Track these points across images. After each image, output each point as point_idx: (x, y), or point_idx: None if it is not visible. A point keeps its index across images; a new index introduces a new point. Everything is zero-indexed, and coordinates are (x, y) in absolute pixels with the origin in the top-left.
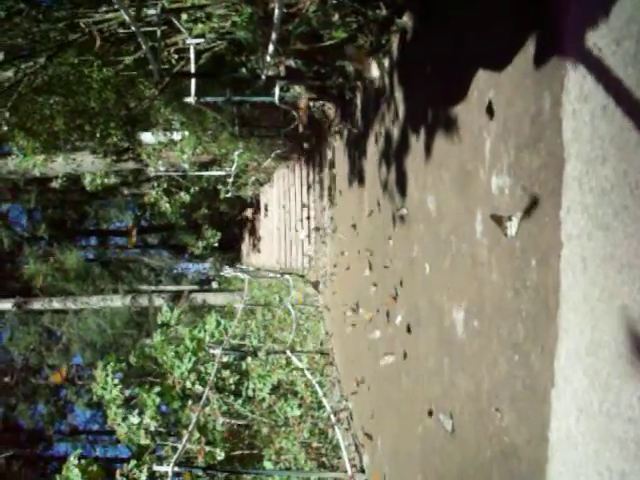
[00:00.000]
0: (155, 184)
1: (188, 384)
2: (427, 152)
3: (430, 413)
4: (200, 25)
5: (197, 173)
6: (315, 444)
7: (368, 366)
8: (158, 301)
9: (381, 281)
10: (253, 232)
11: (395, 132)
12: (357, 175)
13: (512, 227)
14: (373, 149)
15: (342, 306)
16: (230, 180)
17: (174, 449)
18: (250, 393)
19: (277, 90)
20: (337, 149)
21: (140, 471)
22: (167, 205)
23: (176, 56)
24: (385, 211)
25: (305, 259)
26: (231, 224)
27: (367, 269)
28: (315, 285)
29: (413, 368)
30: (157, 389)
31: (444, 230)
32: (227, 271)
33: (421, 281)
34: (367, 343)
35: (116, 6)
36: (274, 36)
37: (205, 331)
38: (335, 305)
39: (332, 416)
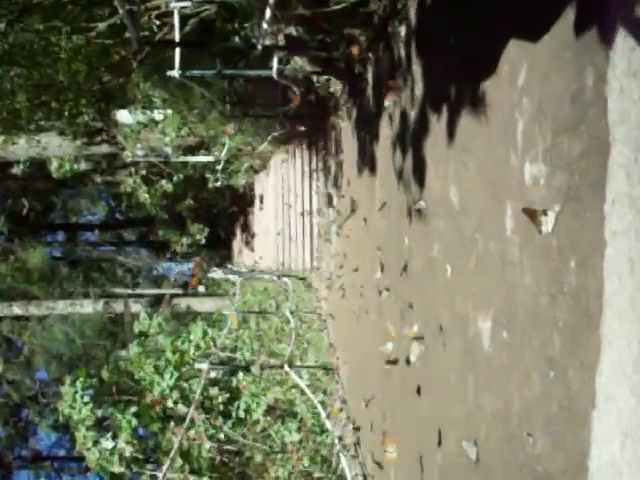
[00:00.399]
0: (132, 171)
1: (170, 403)
2: (449, 135)
3: (450, 438)
4: None
5: (181, 159)
6: (317, 474)
7: (379, 383)
8: (135, 307)
9: (395, 285)
10: (246, 227)
11: (412, 112)
12: (368, 162)
13: (548, 223)
14: (386, 131)
15: (350, 314)
16: (220, 167)
17: (153, 478)
18: (242, 414)
19: (275, 62)
20: (344, 131)
21: None
22: (146, 195)
23: (158, 22)
24: (400, 204)
25: (306, 259)
26: (220, 218)
27: (378, 271)
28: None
29: (432, 386)
30: (134, 409)
31: (469, 226)
32: (215, 272)
33: (442, 285)
34: (378, 357)
35: None
36: None
37: (190, 342)
38: (341, 312)
39: (337, 441)
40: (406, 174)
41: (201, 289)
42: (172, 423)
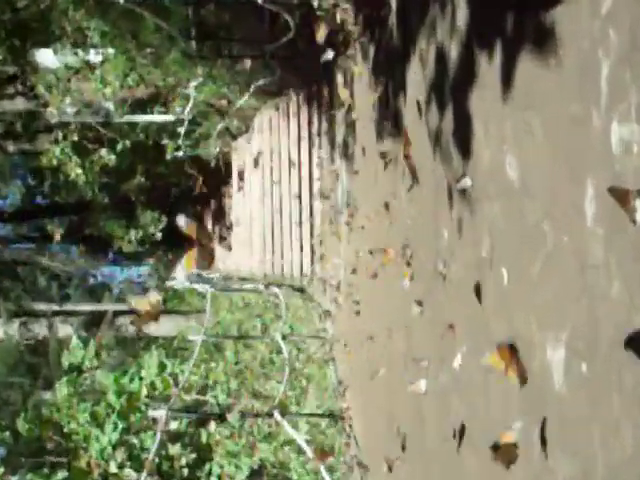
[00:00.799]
0: (60, 136)
1: (112, 467)
2: (505, 84)
3: None
4: None
5: (128, 118)
6: None
7: (408, 437)
8: (64, 329)
9: (429, 298)
10: (220, 216)
11: (453, 50)
12: (390, 121)
13: None
14: (416, 78)
15: (366, 339)
16: (182, 130)
17: None
18: None
19: None
20: (358, 79)
21: None
22: (79, 171)
23: None
24: (436, 182)
25: (305, 261)
26: (183, 203)
27: (406, 278)
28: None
29: (481, 440)
30: (62, 475)
31: (533, 213)
32: (177, 281)
33: (494, 297)
34: (406, 399)
35: None
36: None
37: (141, 380)
38: (354, 337)
39: None
40: (444, 139)
41: None
42: None
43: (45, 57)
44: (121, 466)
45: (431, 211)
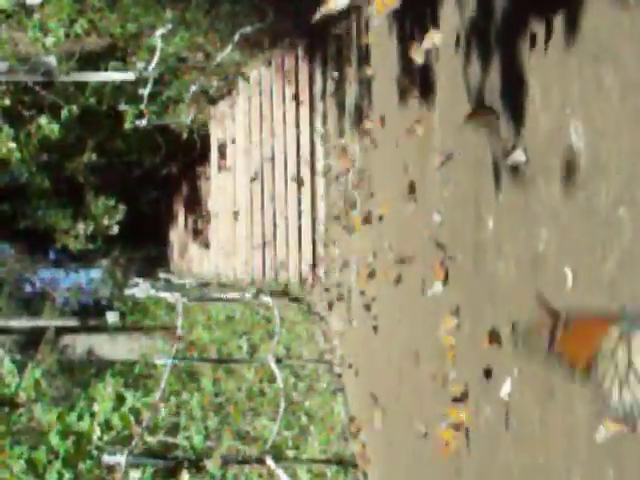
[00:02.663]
0: None
1: None
2: (569, 28)
3: None
4: None
5: (75, 77)
6: None
7: None
8: None
9: (468, 305)
10: (194, 204)
11: None
12: (417, 78)
13: None
14: (453, 22)
15: (386, 364)
16: (146, 92)
17: None
18: None
19: None
20: (374, 25)
21: None
22: (11, 145)
23: None
24: (478, 155)
25: (304, 262)
26: (147, 187)
27: (439, 281)
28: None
29: None
30: None
31: (605, 196)
32: (139, 288)
33: (556, 303)
34: (438, 442)
35: None
36: None
37: (92, 416)
38: (370, 361)
39: None
40: (488, 101)
41: (112, 318)
42: None
43: None
44: None
45: (471, 194)
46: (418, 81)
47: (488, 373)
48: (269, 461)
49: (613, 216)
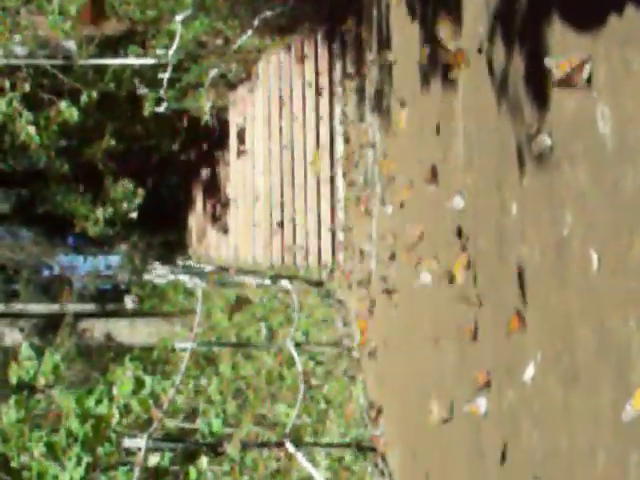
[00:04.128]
0: (6, 84)
1: None
2: (597, 8)
3: None
4: None
5: (95, 61)
6: None
7: (462, 474)
8: (11, 336)
9: (491, 291)
10: (213, 189)
11: None
12: (440, 60)
13: None
14: (476, 2)
15: (407, 348)
16: (165, 77)
17: None
18: None
19: None
20: (396, 8)
21: None
22: (31, 130)
23: None
24: (502, 139)
25: (324, 248)
26: (166, 172)
27: (461, 269)
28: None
29: (564, 474)
30: None
31: (632, 179)
32: (158, 273)
33: (581, 288)
34: (459, 426)
35: None
36: None
37: (111, 401)
38: (390, 346)
39: None
40: (512, 85)
41: (130, 303)
42: None
43: None
44: None
45: (494, 178)
46: (440, 65)
47: (510, 358)
48: (289, 445)
49: (639, 199)
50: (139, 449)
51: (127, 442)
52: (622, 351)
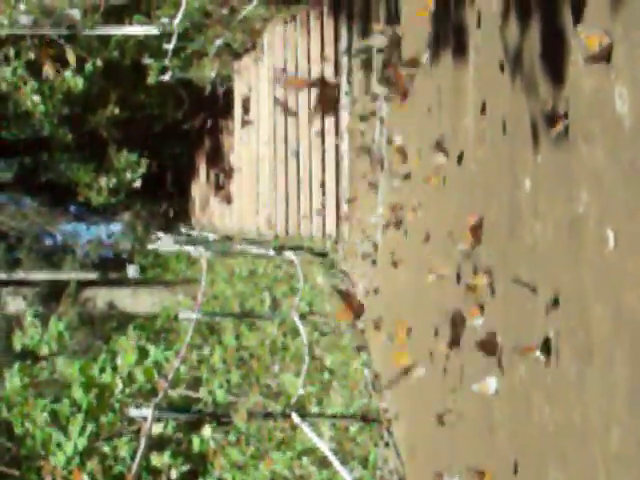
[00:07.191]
0: (11, 53)
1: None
2: None
3: None
4: None
5: (99, 30)
6: None
7: (470, 449)
8: (14, 304)
9: (502, 267)
10: (217, 158)
11: None
12: (451, 35)
13: None
14: None
15: (413, 322)
16: (170, 46)
17: None
18: None
19: None
20: None
21: None
22: (35, 98)
23: None
24: (516, 116)
25: (329, 219)
26: (170, 141)
27: (468, 240)
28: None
29: (577, 448)
30: None
31: None
32: (161, 242)
33: (595, 267)
34: (467, 401)
35: None
36: None
37: (115, 370)
38: (395, 317)
39: None
40: (528, 59)
41: (133, 272)
42: None
43: None
44: (92, 479)
45: (507, 153)
46: (452, 39)
47: (522, 333)
48: (294, 416)
49: None
50: (144, 419)
51: (133, 412)
52: (637, 328)
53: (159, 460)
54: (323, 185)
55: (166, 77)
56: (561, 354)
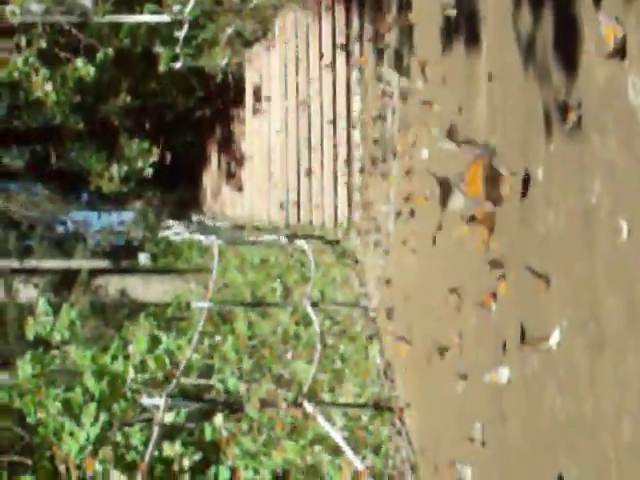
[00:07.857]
0: (22, 41)
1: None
2: None
3: None
4: None
5: (111, 18)
6: None
7: (476, 438)
8: (26, 292)
9: (514, 256)
10: (228, 146)
11: None
12: (464, 24)
13: None
14: None
15: (422, 309)
16: (181, 34)
17: None
18: None
19: None
20: None
21: None
22: (47, 87)
23: None
24: (529, 107)
25: (340, 207)
26: (181, 129)
27: (484, 231)
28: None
29: (588, 438)
30: (27, 479)
31: None
32: (173, 230)
33: (609, 256)
34: (479, 390)
35: None
36: None
37: (127, 359)
38: (408, 305)
39: None
40: (541, 49)
41: (144, 259)
42: None
43: None
44: (105, 470)
45: (519, 142)
46: (464, 27)
47: (535, 323)
48: (307, 405)
49: None
50: (156, 407)
51: (145, 400)
52: None
53: (171, 449)
54: (335, 173)
55: (177, 65)
56: (573, 345)
